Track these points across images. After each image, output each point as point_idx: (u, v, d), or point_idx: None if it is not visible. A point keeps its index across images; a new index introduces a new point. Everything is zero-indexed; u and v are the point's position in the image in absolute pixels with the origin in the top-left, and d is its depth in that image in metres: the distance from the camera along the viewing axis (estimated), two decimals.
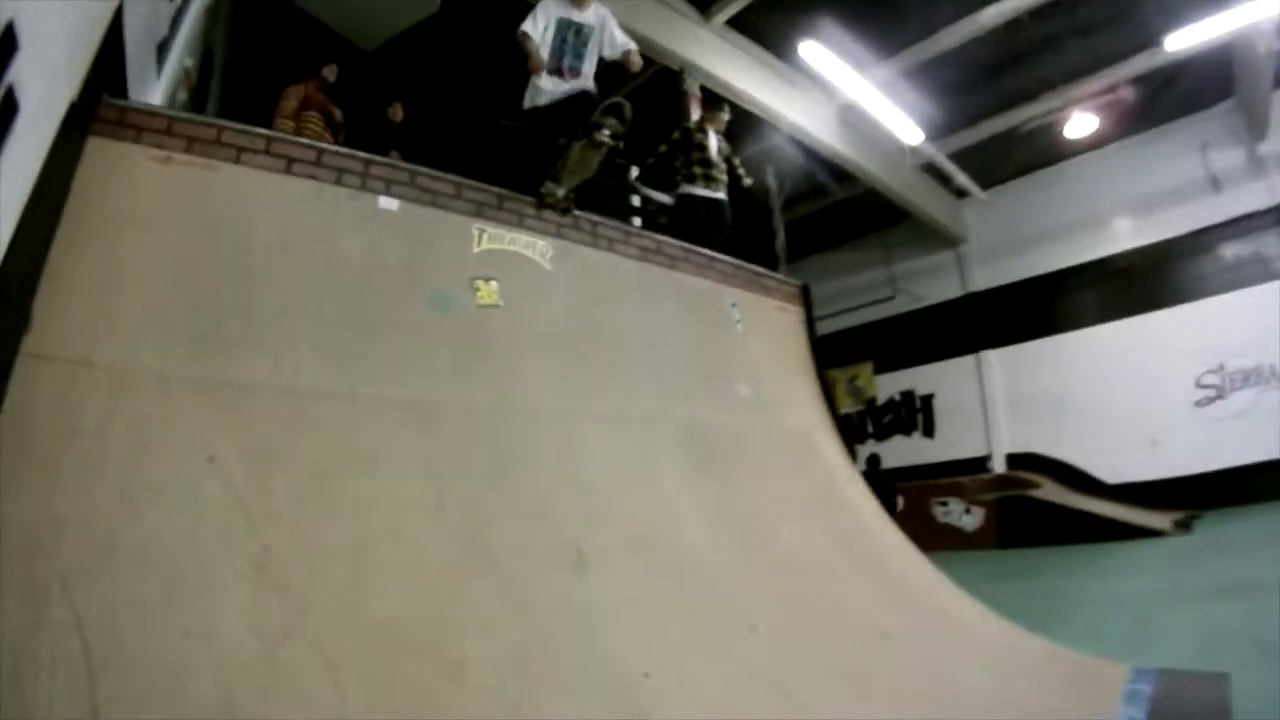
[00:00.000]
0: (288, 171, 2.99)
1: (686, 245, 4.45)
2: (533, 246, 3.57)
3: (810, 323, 5.25)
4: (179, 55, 4.05)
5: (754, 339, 4.58)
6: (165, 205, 2.65)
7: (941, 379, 11.92)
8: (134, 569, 1.76)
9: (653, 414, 3.58)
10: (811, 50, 6.97)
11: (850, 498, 4.32)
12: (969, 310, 11.77)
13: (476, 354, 3.09)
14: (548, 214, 3.69)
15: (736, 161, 5.48)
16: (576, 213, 3.82)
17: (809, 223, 11.03)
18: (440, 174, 3.42)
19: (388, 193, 3.23)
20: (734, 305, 4.56)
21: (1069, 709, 2.66)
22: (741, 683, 2.33)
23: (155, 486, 1.97)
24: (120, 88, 2.84)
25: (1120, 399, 9.94)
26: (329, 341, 2.71)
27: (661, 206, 5.71)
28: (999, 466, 10.92)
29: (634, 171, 6.05)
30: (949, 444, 11.68)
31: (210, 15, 4.66)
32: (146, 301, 2.41)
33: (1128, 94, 8.96)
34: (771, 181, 6.20)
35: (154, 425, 2.12)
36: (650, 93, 7.25)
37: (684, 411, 3.71)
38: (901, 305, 12.35)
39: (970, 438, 11.45)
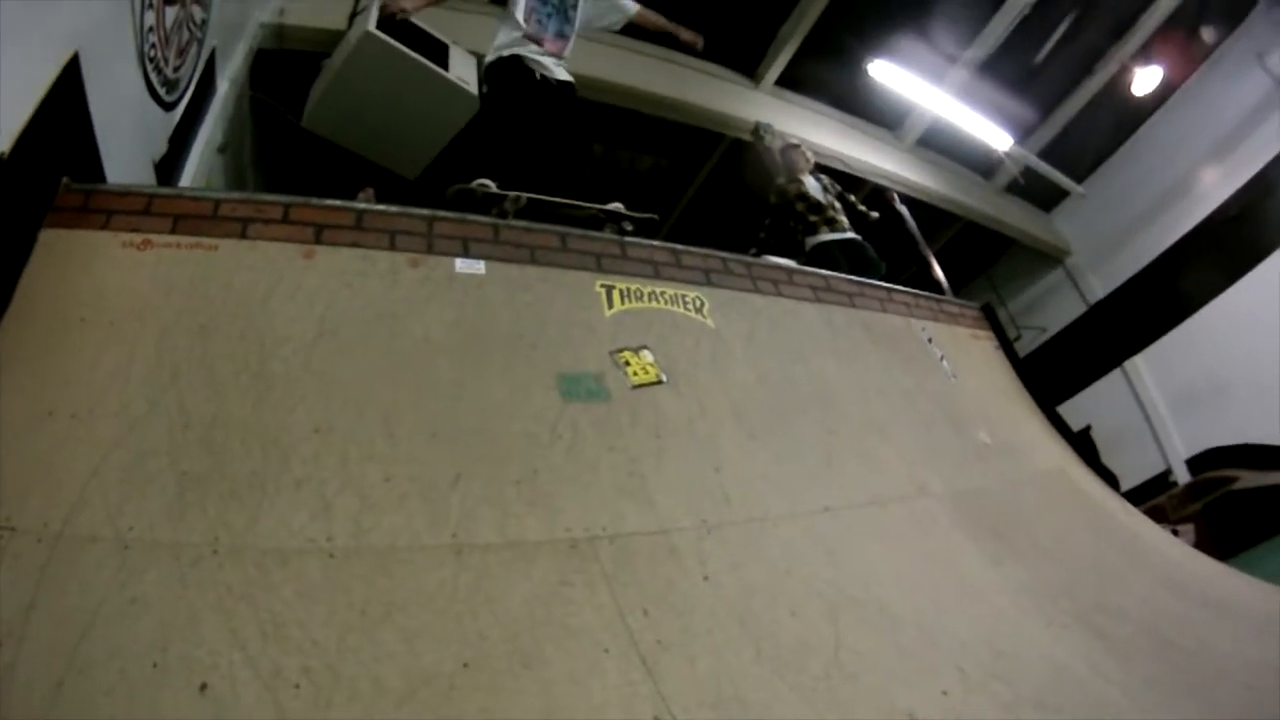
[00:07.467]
0: (318, 241, 2.02)
1: (857, 278, 3.37)
2: (682, 300, 2.49)
3: (1008, 345, 4.02)
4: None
5: (964, 376, 3.33)
6: (139, 303, 1.67)
7: (1093, 406, 10.15)
8: None
9: (906, 491, 2.32)
10: (882, 69, 6.18)
11: (1143, 533, 3.08)
12: (1097, 324, 10.15)
13: (648, 455, 1.91)
14: (689, 258, 2.64)
15: (852, 198, 4.52)
16: (722, 254, 2.78)
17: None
18: (533, 224, 2.45)
19: (466, 253, 2.23)
20: (929, 340, 3.35)
21: None
22: None
23: None
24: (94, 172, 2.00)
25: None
26: (407, 466, 1.61)
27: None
28: (1183, 476, 8.96)
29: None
30: (1122, 472, 9.72)
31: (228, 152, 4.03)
32: (107, 437, 1.39)
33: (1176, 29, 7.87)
34: (901, 207, 5.12)
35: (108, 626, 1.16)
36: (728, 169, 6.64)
37: (938, 480, 2.46)
38: (1028, 343, 10.87)
39: (1142, 457, 9.44)
